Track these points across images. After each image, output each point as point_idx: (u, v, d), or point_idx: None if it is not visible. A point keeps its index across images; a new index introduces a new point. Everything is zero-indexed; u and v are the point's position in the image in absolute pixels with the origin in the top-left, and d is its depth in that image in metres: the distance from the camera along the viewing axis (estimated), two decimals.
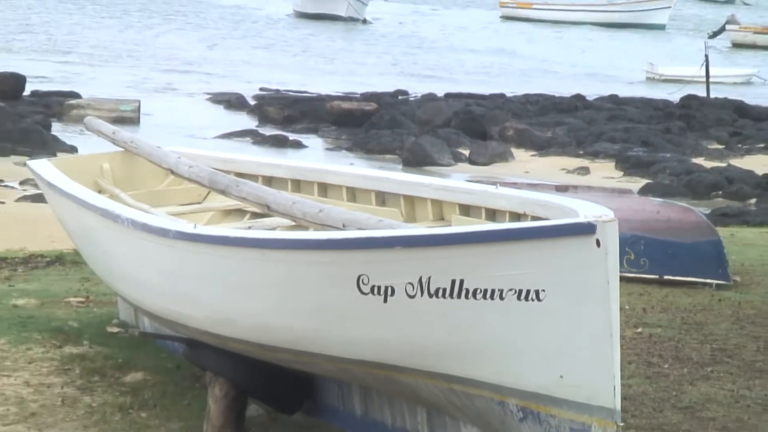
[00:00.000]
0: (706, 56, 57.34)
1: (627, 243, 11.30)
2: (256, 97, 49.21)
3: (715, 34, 75.87)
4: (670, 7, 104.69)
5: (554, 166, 38.19)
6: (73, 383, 12.54)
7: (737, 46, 76.40)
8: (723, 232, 17.74)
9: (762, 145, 43.38)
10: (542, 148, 41.70)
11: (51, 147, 35.04)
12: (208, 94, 51.21)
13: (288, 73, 57.86)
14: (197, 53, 66.93)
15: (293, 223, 12.04)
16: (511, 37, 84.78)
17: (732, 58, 67.19)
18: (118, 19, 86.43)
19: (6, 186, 29.75)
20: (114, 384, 12.50)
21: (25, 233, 20.20)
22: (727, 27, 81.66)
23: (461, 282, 8.51)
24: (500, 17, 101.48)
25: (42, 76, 50.31)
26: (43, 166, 15.14)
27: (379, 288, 8.99)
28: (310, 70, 58.92)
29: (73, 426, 11.51)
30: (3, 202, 27.84)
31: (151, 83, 52.85)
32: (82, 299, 15.16)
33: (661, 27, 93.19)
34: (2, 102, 43.88)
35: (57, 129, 39.89)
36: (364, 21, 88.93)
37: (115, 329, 13.85)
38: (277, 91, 50.36)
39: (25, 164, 20.59)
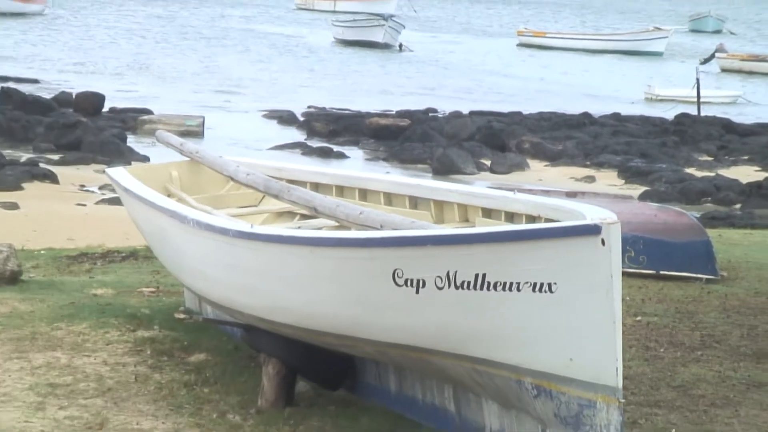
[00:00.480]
0: (697, 79, 57.24)
1: (628, 242, 11.36)
2: (304, 114, 49.24)
3: (705, 61, 75.60)
4: (666, 37, 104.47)
5: (564, 175, 38.07)
6: (145, 363, 12.64)
7: (725, 71, 76.04)
8: (712, 233, 17.74)
9: (746, 158, 43.29)
10: (554, 159, 41.64)
11: (126, 157, 35.03)
12: (263, 111, 51.21)
13: (331, 92, 57.77)
14: (252, 75, 66.86)
15: (337, 224, 12.16)
16: (526, 62, 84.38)
17: (720, 81, 66.92)
18: (183, 47, 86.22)
19: (87, 190, 29.77)
20: (180, 363, 12.60)
21: (104, 232, 20.24)
22: (717, 54, 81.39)
23: (483, 276, 8.66)
24: (517, 45, 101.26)
25: (119, 92, 50.29)
26: (119, 174, 15.25)
27: (411, 281, 9.14)
28: (351, 91, 58.79)
29: (144, 400, 11.60)
30: (84, 205, 27.87)
31: (213, 101, 52.81)
32: (153, 289, 15.25)
33: (659, 54, 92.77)
34: (84, 117, 43.92)
35: (131, 141, 39.89)
36: (400, 47, 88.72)
37: (182, 316, 13.94)
38: (323, 108, 50.37)
39: (104, 172, 20.69)
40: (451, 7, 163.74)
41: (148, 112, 46.57)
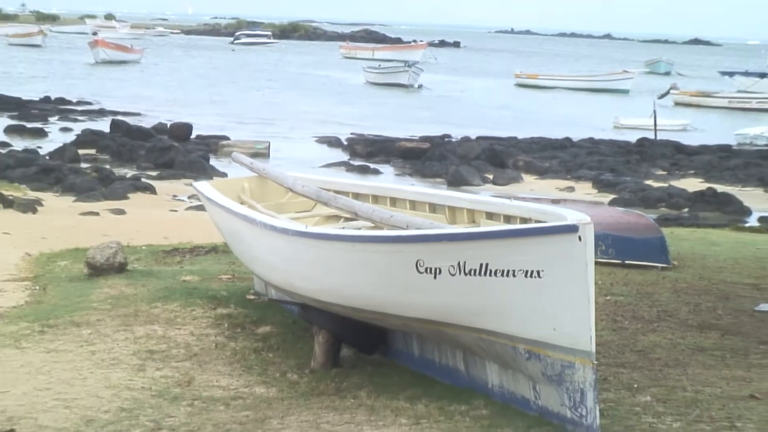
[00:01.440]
0: (654, 111, 57.12)
1: (599, 238, 11.37)
2: (347, 139, 49.21)
3: (662, 96, 75.38)
4: (632, 78, 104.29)
5: (550, 186, 37.93)
6: (223, 333, 12.69)
7: (678, 104, 75.89)
8: (665, 231, 17.70)
9: (692, 172, 43.18)
10: (542, 173, 41.62)
11: (209, 173, 35.05)
12: (315, 136, 51.15)
13: (368, 122, 57.71)
14: (306, 108, 66.79)
15: (373, 225, 12.22)
16: (522, 98, 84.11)
17: (673, 113, 66.76)
18: (253, 86, 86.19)
19: (179, 200, 29.77)
20: (250, 334, 12.65)
21: (191, 232, 20.27)
22: (671, 92, 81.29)
23: (486, 265, 8.88)
24: (515, 84, 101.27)
25: (203, 122, 50.36)
26: (203, 186, 15.38)
27: (430, 269, 9.37)
28: (383, 120, 58.68)
29: (222, 362, 11.68)
30: (176, 211, 27.88)
31: (276, 129, 52.76)
32: (230, 276, 15.31)
33: (626, 91, 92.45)
34: (176, 142, 44.08)
35: (213, 161, 39.87)
36: (420, 86, 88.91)
37: (252, 297, 14.00)
38: (362, 134, 50.33)
39: (191, 185, 20.71)
40: (464, 55, 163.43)
41: (225, 138, 46.59)
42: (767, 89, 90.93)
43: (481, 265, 8.98)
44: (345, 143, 49.23)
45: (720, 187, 38.21)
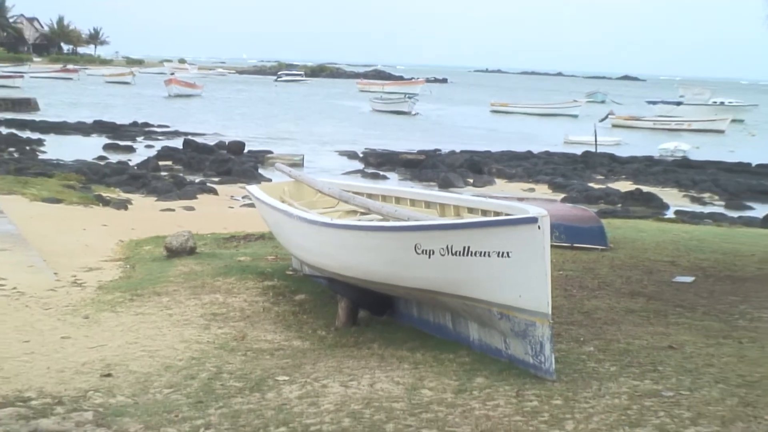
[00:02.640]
0: (595, 131, 57.23)
1: (554, 227, 11.35)
2: (362, 153, 49.15)
3: (602, 120, 75.28)
4: (580, 105, 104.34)
5: (516, 188, 37.88)
6: (268, 300, 12.69)
7: (614, 126, 75.94)
8: (604, 221, 17.69)
9: (624, 176, 43.29)
10: (510, 178, 41.59)
11: (257, 179, 34.93)
12: (337, 150, 51.19)
13: (377, 140, 57.72)
14: (330, 130, 66.84)
15: (382, 217, 12.23)
16: (495, 121, 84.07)
17: (610, 132, 66.75)
18: (289, 113, 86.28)
19: (235, 199, 29.76)
20: (289, 301, 12.64)
21: (245, 223, 20.28)
22: (609, 116, 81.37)
23: (468, 248, 8.99)
24: (490, 111, 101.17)
25: (252, 140, 50.40)
26: (254, 189, 15.41)
27: (425, 250, 9.48)
28: (388, 139, 58.76)
29: (268, 322, 11.73)
30: (233, 207, 27.93)
31: (308, 144, 52.76)
32: (273, 257, 15.30)
33: (575, 116, 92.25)
34: (233, 156, 44.16)
35: (261, 169, 39.84)
36: (416, 113, 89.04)
37: (290, 272, 14.00)
38: (374, 149, 50.40)
39: (244, 188, 20.67)
40: (450, 89, 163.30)
41: (270, 152, 46.59)
42: (681, 114, 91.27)
43: (464, 247, 9.02)
44: (360, 156, 49.18)
45: (645, 188, 38.18)
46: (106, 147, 48.41)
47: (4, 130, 53.53)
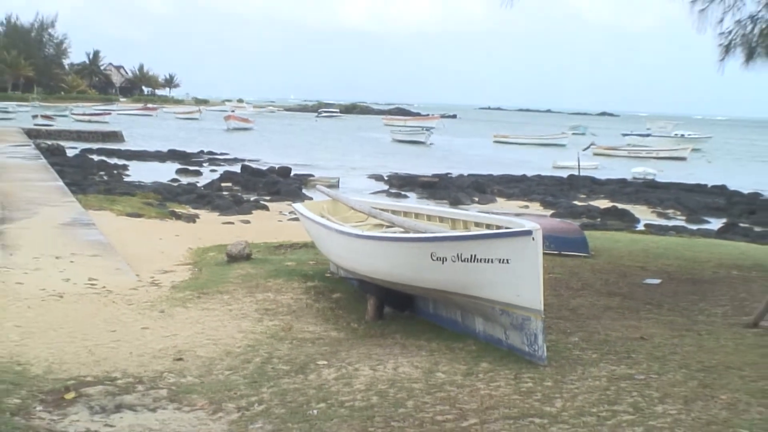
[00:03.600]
0: (579, 158, 57.06)
1: (545, 238, 11.34)
2: (387, 176, 49.02)
3: (585, 149, 75.10)
4: (568, 137, 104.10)
5: (514, 205, 37.78)
6: (310, 298, 12.64)
7: (595, 154, 75.66)
8: (586, 233, 17.64)
9: (602, 196, 42.99)
10: (509, 197, 41.43)
11: (301, 197, 34.84)
12: (366, 174, 51.10)
13: (399, 165, 57.66)
14: (360, 156, 66.90)
15: (404, 230, 12.20)
16: (496, 150, 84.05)
17: (591, 159, 66.63)
18: (327, 143, 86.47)
19: (283, 214, 29.67)
20: (328, 298, 12.60)
21: (291, 234, 20.22)
22: (591, 146, 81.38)
23: (475, 255, 9.00)
24: (492, 141, 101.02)
25: (297, 166, 50.43)
26: (298, 206, 15.40)
27: (439, 258, 9.46)
28: (408, 164, 58.69)
29: (311, 316, 11.69)
30: (281, 221, 27.86)
31: (342, 169, 52.70)
32: (314, 262, 15.23)
33: (564, 146, 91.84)
34: (281, 178, 44.11)
35: (304, 190, 39.79)
36: (431, 143, 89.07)
37: (329, 275, 13.93)
38: (396, 173, 50.32)
39: (291, 205, 20.62)
40: (459, 124, 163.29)
41: (311, 175, 46.50)
42: (649, 144, 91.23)
43: (471, 255, 8.99)
44: (385, 178, 49.08)
45: (620, 205, 38.04)
46: (178, 171, 48.60)
47: (96, 157, 53.83)
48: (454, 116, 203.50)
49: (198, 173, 48.40)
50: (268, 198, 36.64)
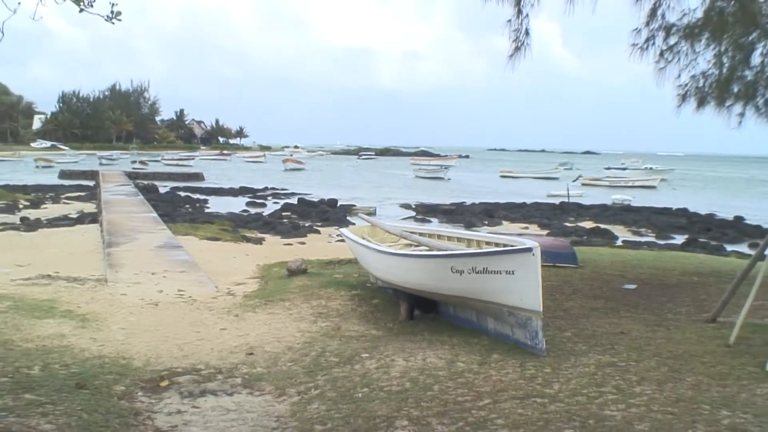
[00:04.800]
0: (568, 187, 56.89)
1: (543, 253, 11.29)
2: (414, 204, 48.96)
3: (574, 181, 74.77)
4: (560, 170, 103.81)
5: (517, 227, 37.57)
6: (354, 303, 12.61)
7: (583, 185, 75.18)
8: (576, 248, 17.52)
9: (588, 218, 42.59)
10: (512, 220, 41.14)
11: (346, 223, 34.69)
12: (397, 203, 50.95)
13: (423, 196, 57.55)
14: (391, 190, 66.89)
15: (428, 248, 12.16)
16: (502, 183, 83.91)
17: (579, 189, 66.27)
18: (365, 179, 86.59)
19: (332, 237, 29.60)
20: (369, 303, 12.56)
21: (338, 252, 20.11)
22: (579, 178, 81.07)
23: (486, 268, 8.95)
24: (499, 176, 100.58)
25: (343, 197, 50.49)
26: (344, 230, 15.39)
27: (458, 270, 9.39)
28: (430, 196, 58.56)
29: (355, 318, 11.66)
30: (330, 242, 27.79)
31: (378, 200, 52.64)
32: (357, 275, 15.21)
33: (557, 178, 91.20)
34: (329, 208, 44.16)
35: (348, 217, 39.69)
36: (449, 179, 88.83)
37: (369, 285, 13.89)
38: (422, 202, 50.18)
39: (338, 230, 20.61)
40: (471, 162, 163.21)
41: (353, 205, 46.35)
42: (626, 176, 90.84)
43: (484, 268, 8.94)
44: (413, 206, 48.84)
45: (602, 225, 37.74)
46: (247, 203, 48.71)
47: (182, 193, 54.18)
48: (467, 156, 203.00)
49: (263, 205, 48.51)
50: (319, 224, 36.64)
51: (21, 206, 40.65)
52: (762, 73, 12.79)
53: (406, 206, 49.67)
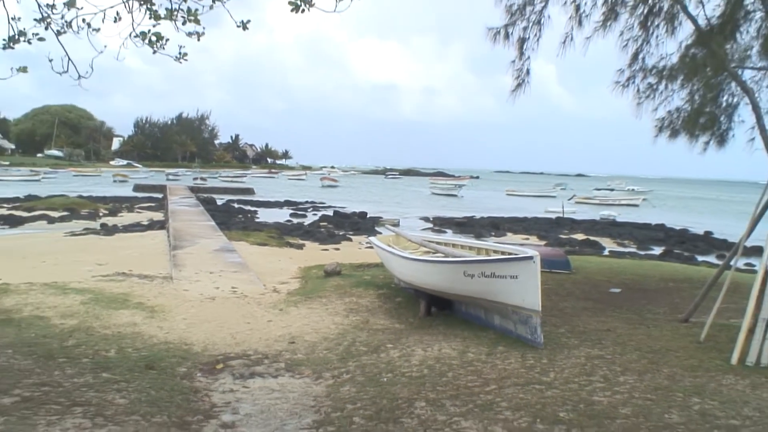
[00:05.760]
0: (563, 205, 56.45)
1: (542, 261, 11.26)
2: (432, 218, 48.81)
3: (569, 199, 74.22)
4: (556, 190, 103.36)
5: (520, 238, 37.34)
6: (380, 300, 12.56)
7: (577, 203, 74.55)
8: (570, 256, 17.41)
9: (580, 231, 42.12)
10: (515, 232, 40.86)
11: (374, 232, 34.61)
12: (417, 216, 50.68)
13: (440, 211, 57.29)
14: (411, 204, 66.72)
15: (444, 255, 12.11)
16: (507, 200, 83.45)
17: (572, 207, 65.83)
18: (390, 194, 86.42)
19: (362, 244, 29.54)
20: (393, 301, 12.50)
21: (367, 257, 20.11)
22: (574, 197, 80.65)
23: (494, 273, 8.89)
24: (505, 194, 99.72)
25: (371, 210, 50.36)
26: (372, 239, 15.38)
27: (470, 274, 9.32)
28: (446, 210, 58.30)
29: (381, 314, 11.60)
30: (361, 248, 27.75)
31: (401, 213, 52.44)
32: (383, 276, 15.18)
33: (555, 197, 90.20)
34: (360, 219, 44.01)
35: (376, 227, 39.58)
36: (462, 196, 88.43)
37: (393, 285, 13.86)
38: (439, 216, 49.90)
39: (367, 237, 20.57)
40: (481, 182, 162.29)
41: (380, 217, 46.22)
42: (613, 195, 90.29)
43: (491, 273, 8.90)
44: (430, 219, 48.67)
45: (592, 237, 37.43)
46: (291, 214, 48.73)
47: (236, 205, 54.33)
48: (477, 177, 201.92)
49: (304, 216, 48.54)
50: (351, 233, 36.58)
51: (101, 214, 41.00)
52: (725, 110, 12.85)
53: (425, 219, 49.47)
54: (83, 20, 5.44)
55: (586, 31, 12.38)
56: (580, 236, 39.25)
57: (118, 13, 5.28)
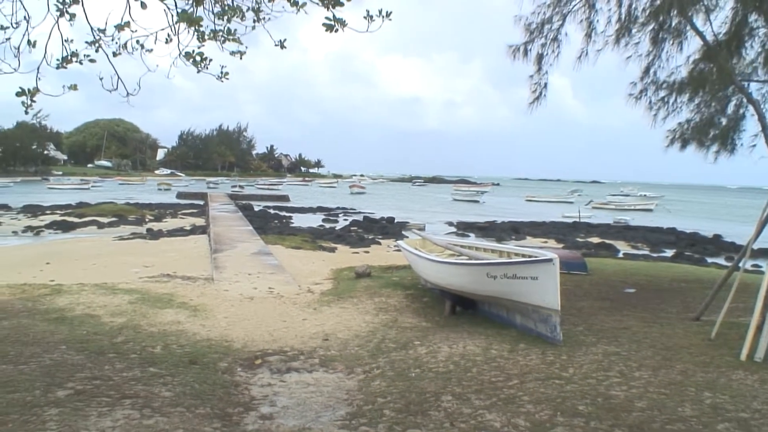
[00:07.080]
0: (579, 210, 56.14)
1: (561, 264, 11.23)
2: (456, 222, 48.62)
3: (586, 204, 73.82)
4: (573, 195, 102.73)
5: (538, 241, 37.07)
6: (408, 300, 12.56)
7: (594, 208, 74.10)
8: (587, 258, 17.28)
9: (595, 235, 41.85)
10: (534, 236, 40.65)
11: (402, 236, 34.60)
12: (442, 221, 50.53)
13: (463, 216, 57.05)
14: (438, 210, 66.47)
15: (468, 258, 12.08)
16: (527, 206, 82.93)
17: (591, 211, 65.38)
18: (417, 201, 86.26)
19: (390, 247, 29.55)
20: (420, 301, 12.49)
21: (395, 260, 20.14)
22: (591, 202, 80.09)
23: (516, 274, 8.84)
24: (525, 200, 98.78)
25: (399, 215, 50.34)
26: (400, 242, 15.30)
27: (493, 276, 9.29)
28: (469, 215, 58.02)
29: (409, 312, 11.57)
30: (389, 251, 27.75)
31: (426, 218, 52.26)
32: (410, 278, 15.16)
33: (571, 203, 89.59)
34: (388, 224, 43.93)
35: (404, 231, 39.56)
36: (483, 202, 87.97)
37: (420, 286, 13.85)
38: (462, 220, 49.76)
39: (395, 241, 20.56)
40: (501, 189, 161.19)
41: (407, 222, 46.18)
42: (627, 201, 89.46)
43: (513, 274, 8.88)
44: (455, 224, 48.52)
45: (607, 241, 37.14)
46: (323, 219, 48.95)
47: (272, 211, 54.64)
48: (498, 184, 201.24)
49: (336, 221, 48.64)
50: (380, 237, 36.60)
51: (147, 220, 41.48)
52: (733, 121, 12.79)
53: (450, 223, 49.36)
54: (137, 41, 5.56)
55: (599, 45, 12.41)
56: (595, 239, 38.95)
57: (169, 35, 5.37)
